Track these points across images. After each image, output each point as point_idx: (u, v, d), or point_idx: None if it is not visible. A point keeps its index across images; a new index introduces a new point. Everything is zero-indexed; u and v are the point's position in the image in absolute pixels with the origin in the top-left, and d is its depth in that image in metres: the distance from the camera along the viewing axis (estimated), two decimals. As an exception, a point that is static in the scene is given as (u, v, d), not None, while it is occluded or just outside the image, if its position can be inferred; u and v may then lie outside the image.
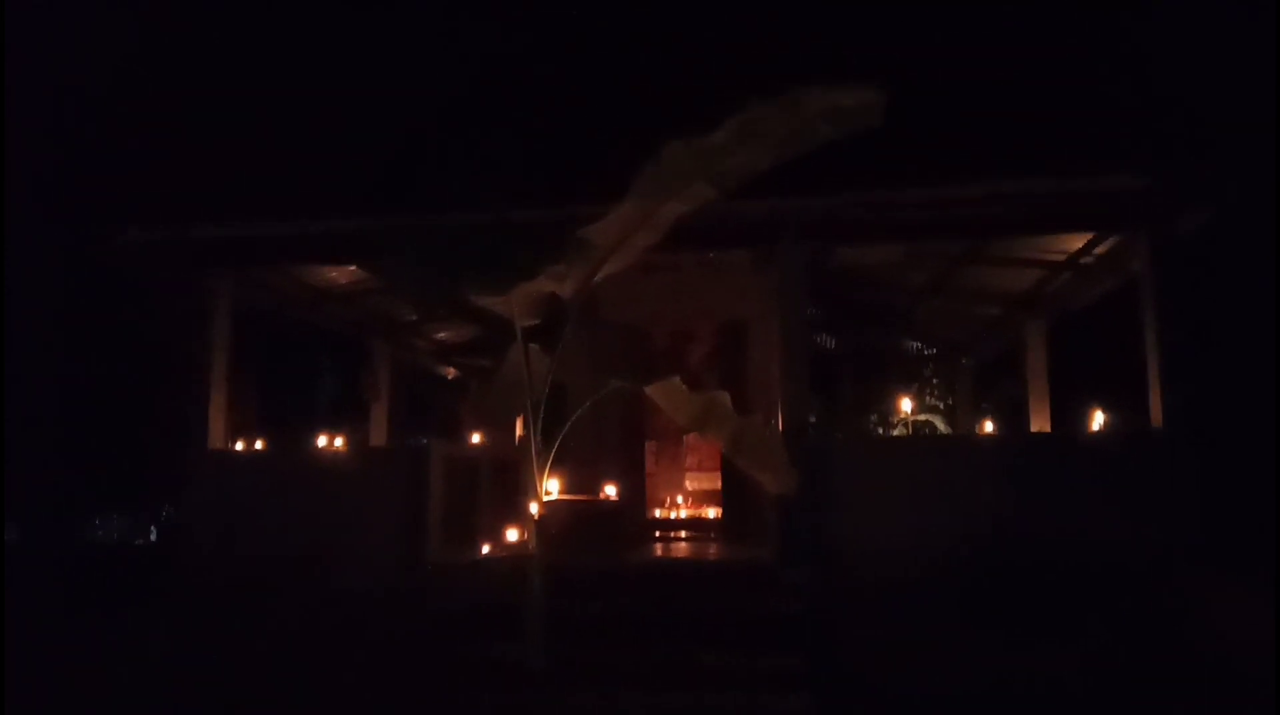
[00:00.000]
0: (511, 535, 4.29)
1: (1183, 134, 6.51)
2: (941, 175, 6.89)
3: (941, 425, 16.21)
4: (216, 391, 8.21)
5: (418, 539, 6.99)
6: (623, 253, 4.50)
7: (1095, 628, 6.06)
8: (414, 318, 11.60)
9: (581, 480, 7.66)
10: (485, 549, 3.91)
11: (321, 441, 8.96)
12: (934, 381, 16.74)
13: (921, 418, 16.77)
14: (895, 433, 16.83)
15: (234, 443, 8.73)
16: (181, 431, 8.37)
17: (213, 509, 7.89)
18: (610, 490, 5.15)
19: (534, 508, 4.22)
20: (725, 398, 4.81)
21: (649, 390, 4.85)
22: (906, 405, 12.69)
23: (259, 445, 8.89)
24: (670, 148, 4.10)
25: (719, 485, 11.07)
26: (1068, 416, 10.37)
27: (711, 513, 10.85)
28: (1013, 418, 12.90)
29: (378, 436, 11.42)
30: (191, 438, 8.16)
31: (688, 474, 11.76)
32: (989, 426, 10.34)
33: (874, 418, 17.14)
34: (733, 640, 5.84)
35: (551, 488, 4.38)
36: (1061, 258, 8.75)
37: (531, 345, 4.80)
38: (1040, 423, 10.43)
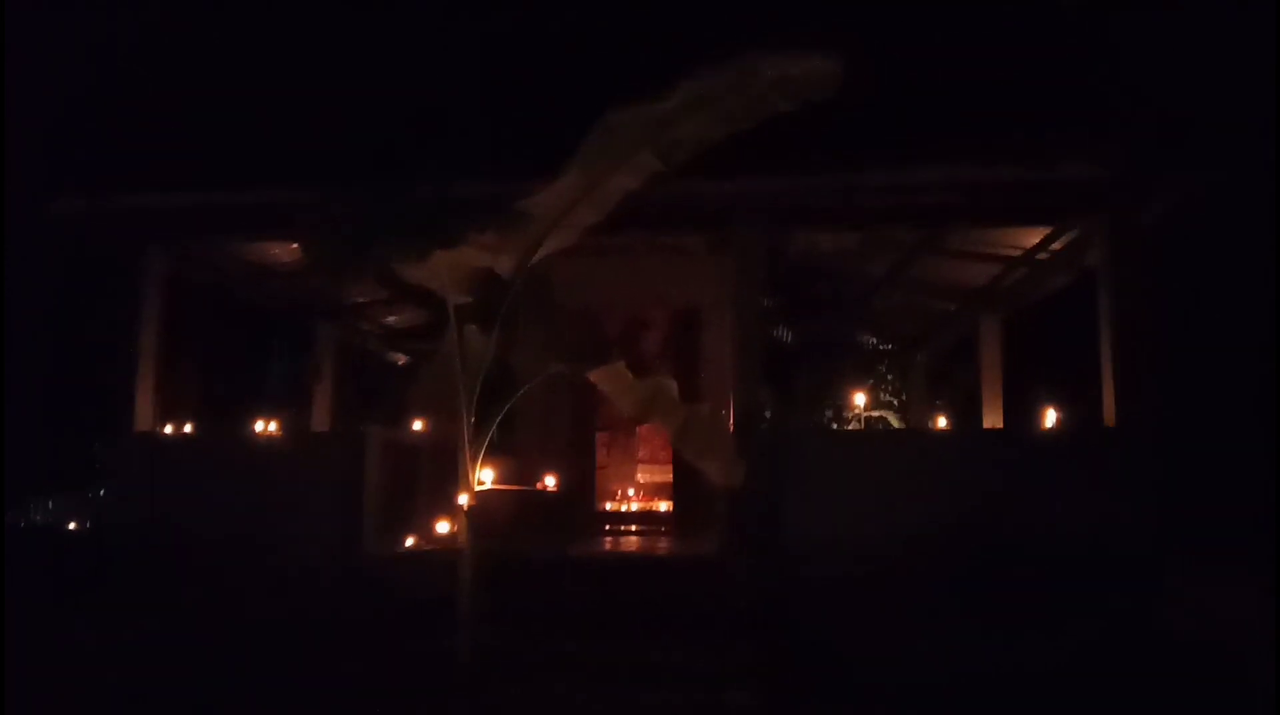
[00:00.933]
0: (442, 527, 4.04)
1: (1145, 124, 6.39)
2: (901, 160, 6.73)
3: (895, 421, 16.17)
4: (145, 371, 7.84)
5: (353, 528, 6.71)
6: (565, 228, 4.26)
7: (1048, 620, 5.96)
8: (361, 300, 11.25)
9: (529, 471, 7.42)
10: (409, 541, 3.65)
11: (258, 426, 8.61)
12: (888, 377, 16.70)
13: (875, 413, 16.73)
14: (849, 427, 16.78)
15: (164, 425, 8.35)
16: (110, 411, 8.00)
17: (139, 494, 7.53)
18: (549, 481, 4.91)
19: (464, 498, 3.96)
20: (671, 385, 4.60)
21: (592, 376, 4.62)
22: (860, 400, 12.55)
23: (188, 428, 8.51)
24: (615, 115, 3.87)
25: (671, 478, 10.88)
26: (1021, 412, 10.34)
27: (664, 506, 10.65)
28: (966, 414, 12.88)
29: (320, 422, 11.07)
30: (119, 418, 7.79)
31: (639, 466, 11.56)
32: (942, 422, 10.25)
33: (828, 412, 17.06)
34: (676, 634, 5.65)
35: (485, 477, 4.13)
36: (1018, 252, 8.67)
37: (469, 326, 4.54)
38: (993, 418, 10.38)
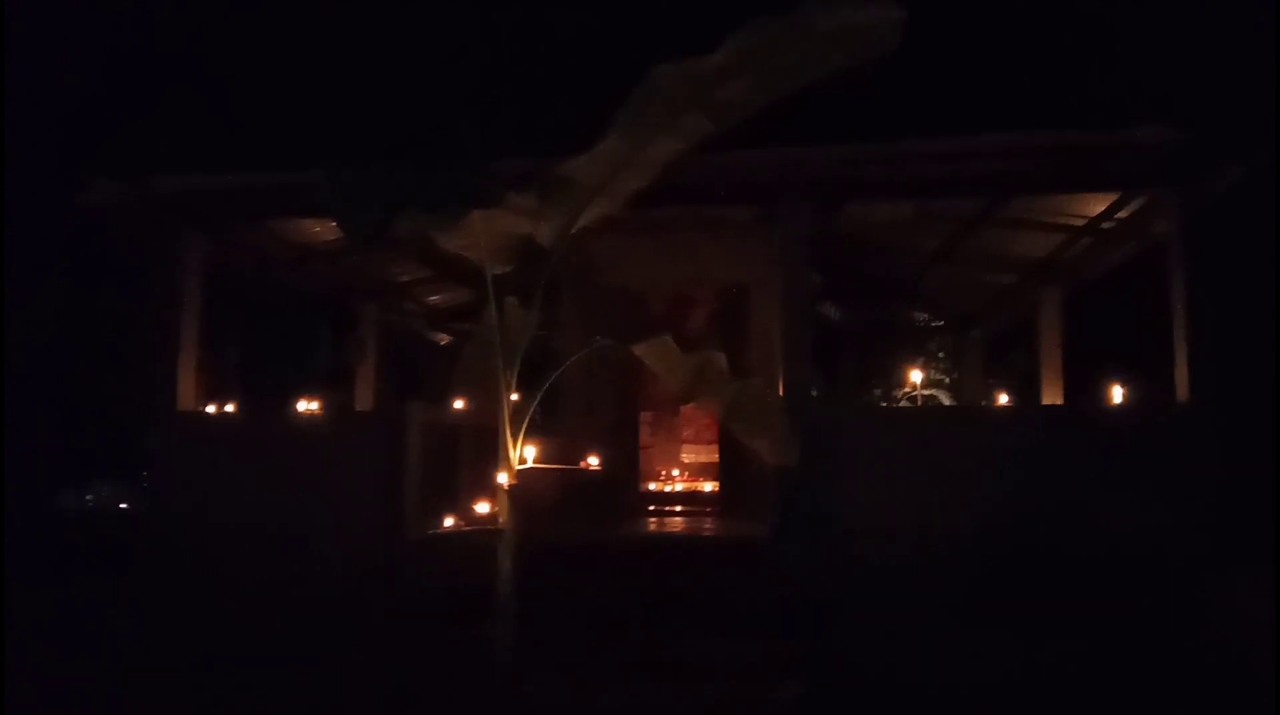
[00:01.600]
0: (482, 507, 3.87)
1: (1218, 84, 5.98)
2: (957, 125, 6.39)
3: (946, 400, 15.76)
4: (186, 352, 7.81)
5: (395, 510, 6.59)
6: (609, 195, 4.02)
7: (1109, 621, 5.65)
8: (405, 278, 11.15)
9: (572, 450, 7.23)
10: (448, 521, 3.50)
11: (301, 406, 8.55)
12: (940, 355, 16.26)
13: (927, 392, 16.32)
14: (901, 406, 16.40)
15: (207, 405, 8.31)
16: (152, 394, 7.98)
17: (183, 474, 7.52)
18: (592, 460, 4.74)
19: (504, 478, 3.78)
20: (721, 359, 4.37)
21: (637, 350, 4.40)
22: (915, 377, 12.20)
23: (231, 408, 8.47)
24: (660, 72, 3.61)
25: (717, 458, 10.68)
26: (1083, 391, 9.93)
27: (709, 487, 10.46)
28: (1023, 393, 12.46)
29: (364, 403, 11.02)
30: (159, 400, 7.76)
31: (684, 446, 11.37)
32: (1002, 400, 9.87)
33: (877, 392, 16.69)
34: (722, 623, 5.45)
35: (527, 456, 3.94)
36: (1081, 222, 8.27)
37: (509, 299, 4.34)
38: (1053, 397, 9.98)
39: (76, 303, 12.69)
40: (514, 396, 4.16)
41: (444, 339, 13.76)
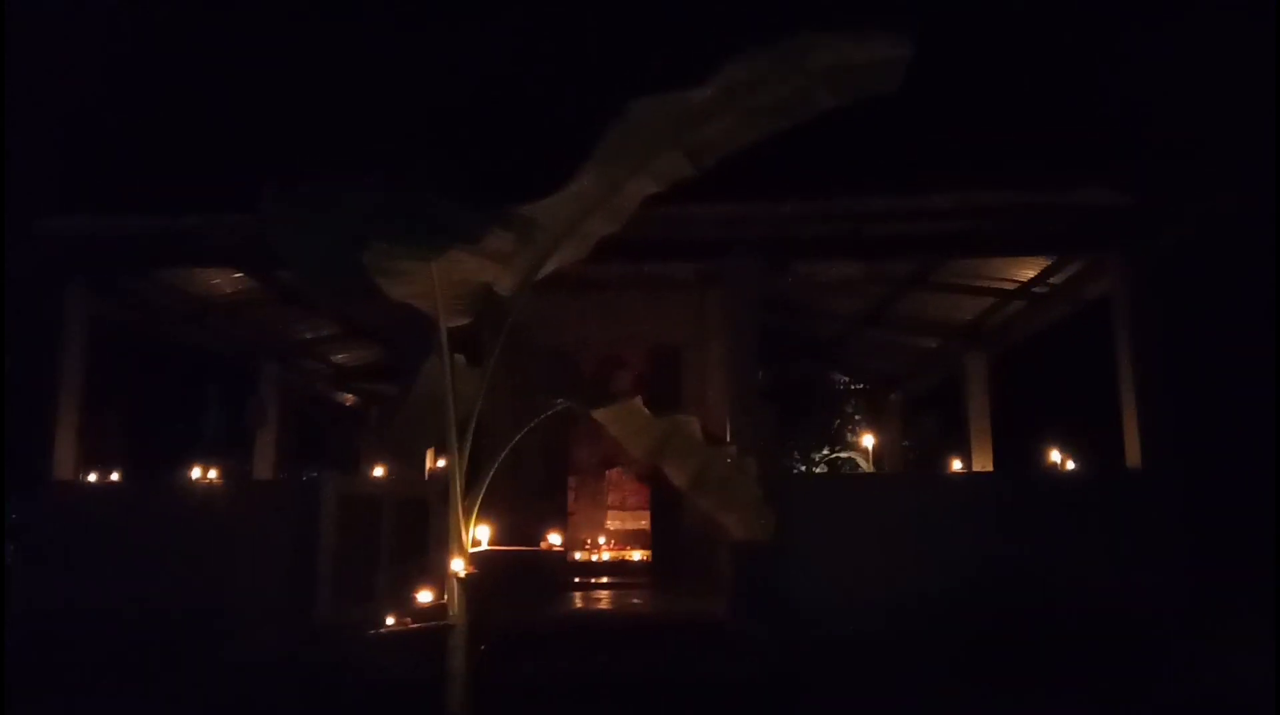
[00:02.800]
0: (424, 597, 3.37)
1: (1164, 145, 6.01)
2: (908, 185, 6.26)
3: (864, 463, 15.73)
4: (66, 414, 6.98)
5: (308, 592, 5.90)
6: (577, 241, 3.62)
7: (1074, 684, 5.39)
8: (309, 336, 10.45)
9: (501, 518, 6.67)
10: (390, 620, 3.01)
11: (195, 474, 7.76)
12: (857, 418, 16.26)
13: (843, 455, 16.27)
14: (817, 470, 16.29)
15: (87, 473, 7.46)
16: (24, 460, 7.11)
17: (59, 551, 6.64)
18: (555, 539, 4.24)
19: (458, 564, 3.26)
20: (693, 424, 3.96)
21: (598, 414, 3.96)
22: (848, 439, 12.05)
23: (115, 477, 7.62)
24: (640, 106, 3.25)
25: (644, 524, 10.22)
26: (1011, 454, 9.90)
27: (637, 555, 9.95)
28: (941, 456, 12.45)
29: (263, 471, 10.18)
30: (33, 467, 6.90)
31: (610, 512, 10.85)
32: (957, 465, 9.70)
33: (795, 455, 16.56)
34: (689, 708, 4.97)
35: (481, 536, 3.44)
36: (1012, 286, 8.27)
37: (457, 357, 3.86)
38: (982, 460, 9.93)
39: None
40: (441, 463, 3.65)
41: (350, 400, 13.01)
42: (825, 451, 16.33)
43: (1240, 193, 5.69)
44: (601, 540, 10.48)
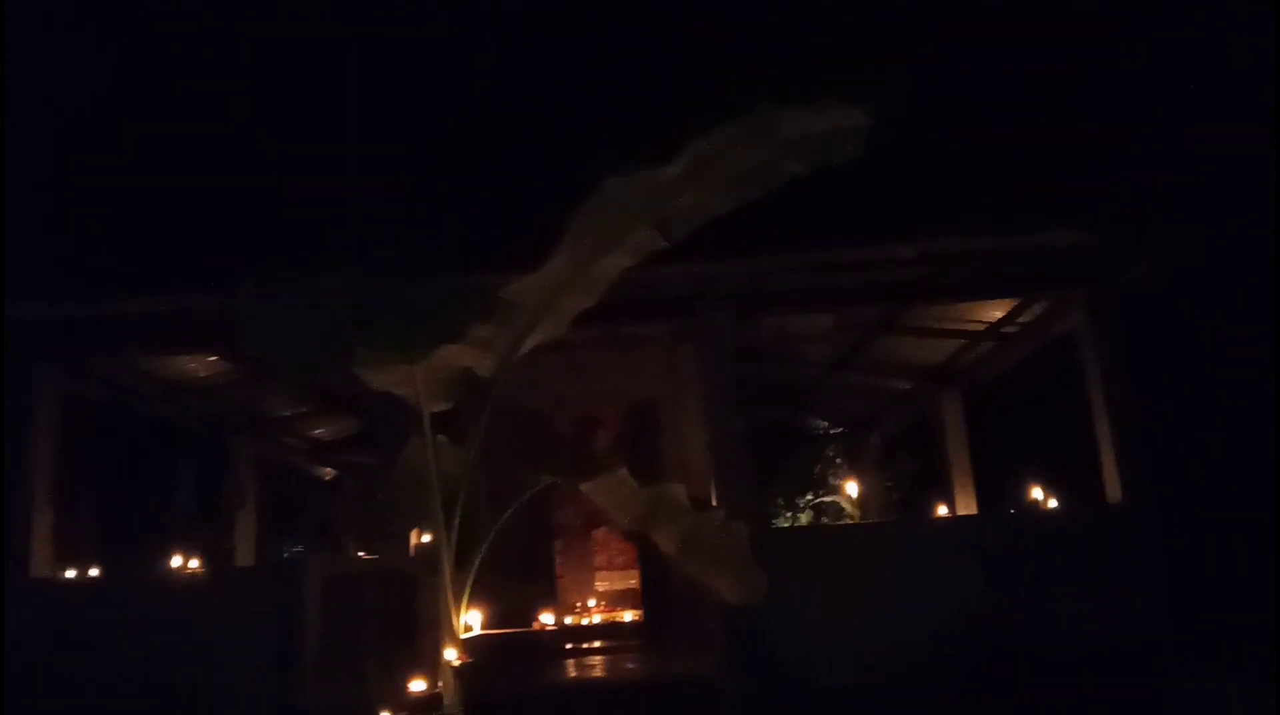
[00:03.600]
0: (416, 685, 3.30)
1: (1122, 185, 6.17)
2: (874, 235, 6.37)
3: (848, 506, 15.73)
4: (41, 507, 6.83)
5: (292, 676, 5.79)
6: (552, 317, 3.66)
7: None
8: (285, 413, 10.37)
9: (489, 599, 6.61)
10: (385, 714, 2.96)
11: (176, 561, 7.62)
12: (836, 461, 16.29)
13: (828, 499, 16.26)
14: (801, 516, 16.26)
15: (64, 567, 7.30)
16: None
17: (37, 652, 6.46)
18: (546, 619, 4.17)
19: (451, 654, 3.22)
20: (680, 491, 3.98)
21: (586, 487, 3.97)
22: (842, 485, 12.08)
23: (94, 571, 7.46)
24: (612, 184, 3.32)
25: (634, 584, 10.12)
26: (993, 493, 9.97)
27: (628, 615, 9.83)
28: (924, 495, 12.49)
29: (244, 549, 10.02)
30: (8, 565, 6.73)
31: (598, 573, 10.73)
32: (943, 510, 9.75)
33: (779, 501, 16.52)
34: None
35: (472, 621, 3.41)
36: (981, 327, 8.40)
37: (440, 438, 3.85)
38: (965, 499, 9.97)
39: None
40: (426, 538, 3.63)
41: (328, 473, 12.88)
42: (809, 497, 16.30)
43: (1199, 231, 5.85)
44: (591, 602, 10.35)
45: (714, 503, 6.44)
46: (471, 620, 3.29)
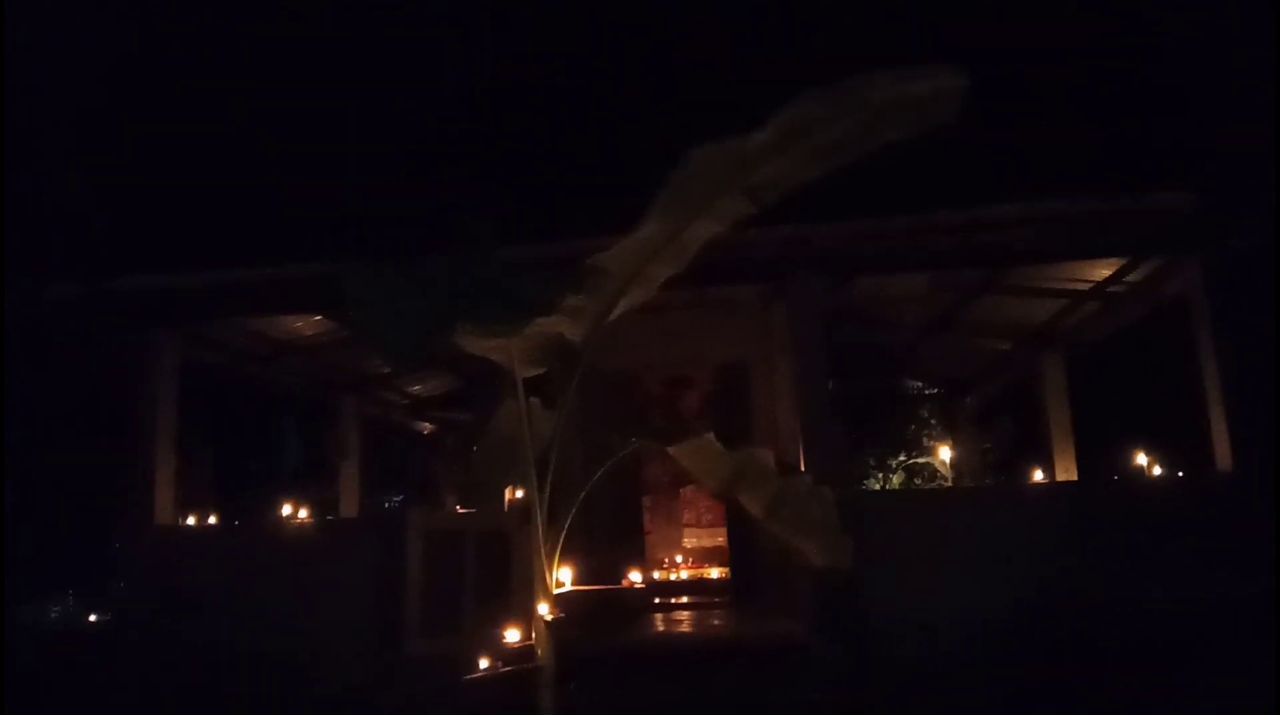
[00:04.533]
0: (511, 635, 3.46)
1: (1236, 147, 5.84)
2: (973, 196, 6.19)
3: (941, 469, 15.47)
4: (163, 460, 7.30)
5: (395, 626, 6.07)
6: (641, 285, 3.70)
7: (1175, 706, 5.25)
8: (385, 370, 10.73)
9: (580, 556, 6.77)
10: (483, 663, 3.11)
11: (285, 511, 8.03)
12: (932, 422, 16.01)
13: (922, 461, 16.03)
14: (893, 477, 16.08)
15: (184, 516, 7.78)
16: (125, 506, 7.43)
17: (161, 591, 6.95)
18: (636, 576, 4.29)
19: (544, 608, 3.35)
20: (766, 456, 4.01)
21: (674, 451, 4.03)
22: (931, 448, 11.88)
23: (212, 519, 7.92)
24: (700, 153, 3.32)
25: (721, 541, 10.22)
26: (1093, 458, 9.68)
27: (715, 572, 9.95)
28: (1020, 460, 12.20)
29: (348, 501, 10.48)
30: (135, 513, 7.22)
31: (686, 530, 10.86)
32: (1039, 475, 9.52)
33: (871, 462, 16.35)
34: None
35: (563, 577, 3.52)
36: (1087, 286, 8.09)
37: (533, 401, 3.96)
38: (1065, 464, 9.71)
39: (41, 407, 12.07)
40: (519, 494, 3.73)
41: (428, 428, 13.30)
42: (902, 458, 16.09)
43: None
44: (679, 559, 10.50)
45: (802, 467, 6.44)
46: (563, 576, 3.41)
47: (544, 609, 3.33)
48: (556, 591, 3.51)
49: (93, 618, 13.30)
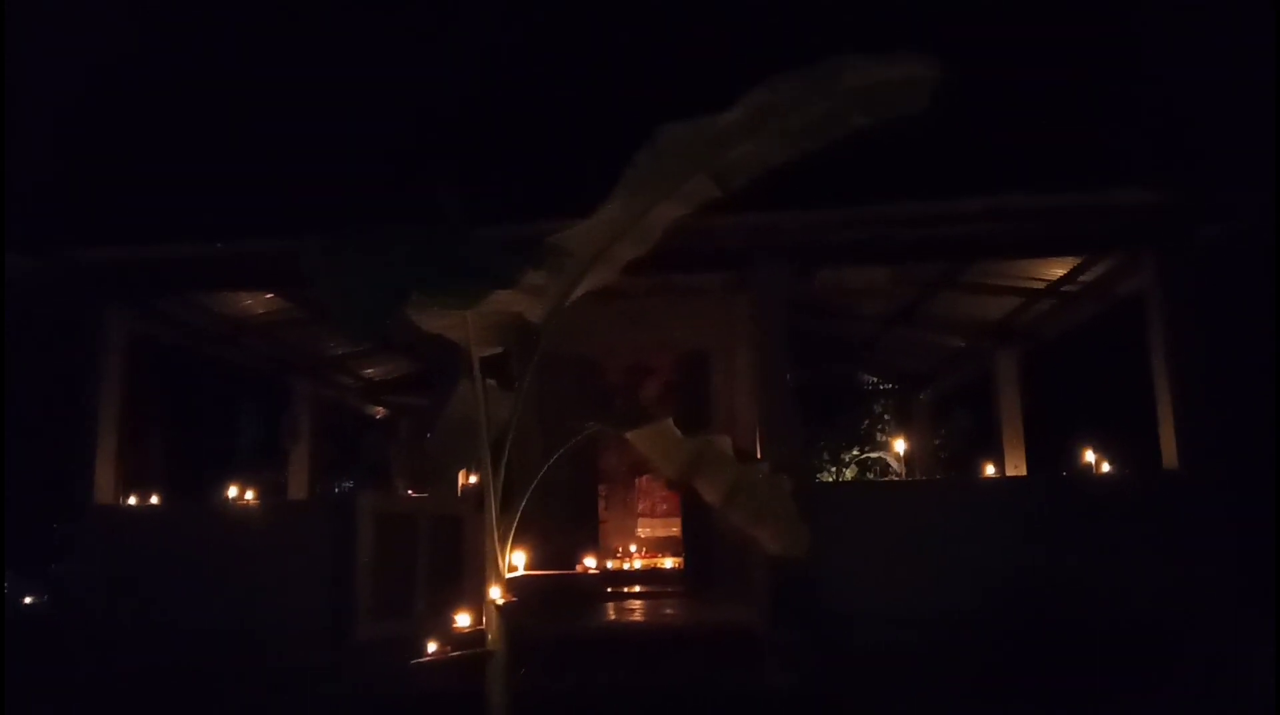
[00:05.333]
0: (462, 620, 3.39)
1: (1197, 142, 5.92)
2: (937, 188, 6.21)
3: (894, 463, 15.62)
4: (105, 438, 7.09)
5: (345, 610, 5.96)
6: (605, 265, 3.64)
7: (1124, 701, 5.33)
8: (340, 352, 10.55)
9: (534, 541, 6.71)
10: (431, 647, 3.04)
11: (232, 493, 7.86)
12: (885, 417, 16.15)
13: (874, 455, 16.17)
14: (846, 471, 16.22)
15: (127, 496, 7.57)
16: (66, 483, 7.22)
17: (99, 573, 6.75)
18: (590, 562, 4.23)
19: (495, 592, 3.28)
20: (725, 442, 3.96)
21: (632, 436, 3.97)
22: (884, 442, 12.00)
23: (155, 500, 7.72)
24: (669, 131, 3.26)
25: (675, 531, 10.23)
26: (1044, 454, 9.81)
27: (669, 562, 9.95)
28: (972, 456, 12.35)
29: (297, 485, 10.29)
30: (74, 491, 7.01)
31: (641, 520, 10.85)
32: (968, 463, 9.66)
33: (825, 457, 16.48)
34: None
35: (517, 561, 3.46)
36: (1042, 284, 8.19)
37: (489, 382, 3.88)
38: (1015, 460, 9.83)
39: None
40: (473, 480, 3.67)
41: (380, 412, 13.12)
42: (855, 452, 16.24)
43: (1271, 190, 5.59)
44: (633, 548, 10.48)
45: (760, 456, 6.42)
46: (516, 561, 3.35)
47: (495, 592, 3.26)
48: (509, 576, 3.45)
49: (28, 600, 12.94)
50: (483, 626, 3.45)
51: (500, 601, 3.27)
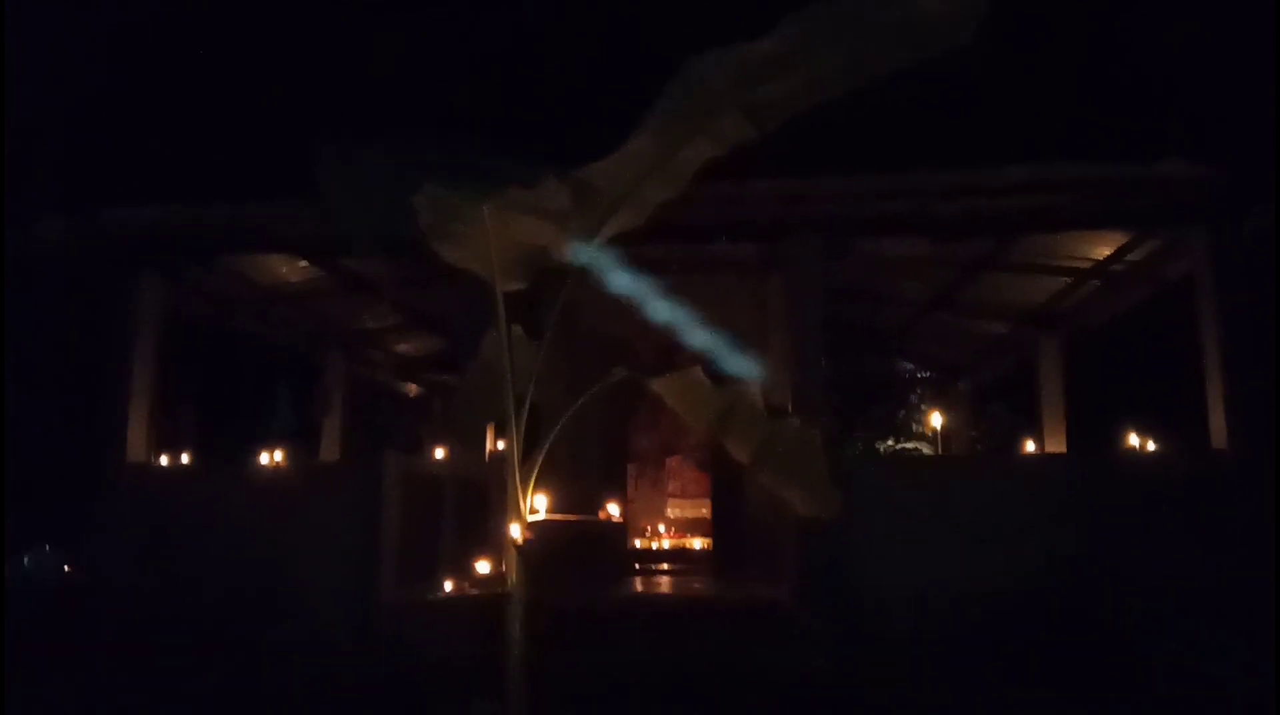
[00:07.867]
0: (482, 567, 3.32)
1: (1247, 118, 5.70)
2: (980, 158, 6.04)
3: (928, 451, 15.34)
4: (138, 400, 7.13)
5: (371, 572, 5.93)
6: (634, 206, 3.53)
7: (1162, 690, 5.13)
8: (372, 325, 10.57)
9: (562, 487, 6.65)
10: (448, 585, 2.96)
11: (263, 458, 7.87)
12: (923, 408, 15.89)
13: (909, 446, 15.92)
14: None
15: (159, 459, 7.62)
16: (98, 449, 7.27)
17: (133, 532, 6.80)
18: (613, 509, 4.15)
19: (515, 530, 3.20)
20: (755, 391, 3.86)
21: (657, 385, 3.89)
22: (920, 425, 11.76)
23: (186, 460, 7.76)
24: (699, 62, 3.16)
25: (705, 513, 10.12)
26: (1085, 445, 9.55)
27: (698, 543, 9.84)
28: (1012, 447, 12.07)
29: (329, 457, 10.32)
30: (107, 452, 7.06)
31: (670, 500, 10.76)
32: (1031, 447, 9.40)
33: (859, 445, 16.24)
34: (745, 703, 4.85)
35: (539, 505, 3.38)
36: (1088, 265, 7.95)
37: (515, 328, 3.80)
38: (1055, 447, 9.59)
39: (15, 349, 11.86)
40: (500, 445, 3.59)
41: (413, 390, 13.13)
42: (890, 443, 15.99)
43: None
44: (662, 528, 10.39)
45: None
46: (538, 503, 3.28)
47: (516, 530, 3.18)
48: (531, 518, 3.37)
49: (66, 569, 13.13)
50: (503, 572, 3.38)
51: (520, 541, 3.19)
